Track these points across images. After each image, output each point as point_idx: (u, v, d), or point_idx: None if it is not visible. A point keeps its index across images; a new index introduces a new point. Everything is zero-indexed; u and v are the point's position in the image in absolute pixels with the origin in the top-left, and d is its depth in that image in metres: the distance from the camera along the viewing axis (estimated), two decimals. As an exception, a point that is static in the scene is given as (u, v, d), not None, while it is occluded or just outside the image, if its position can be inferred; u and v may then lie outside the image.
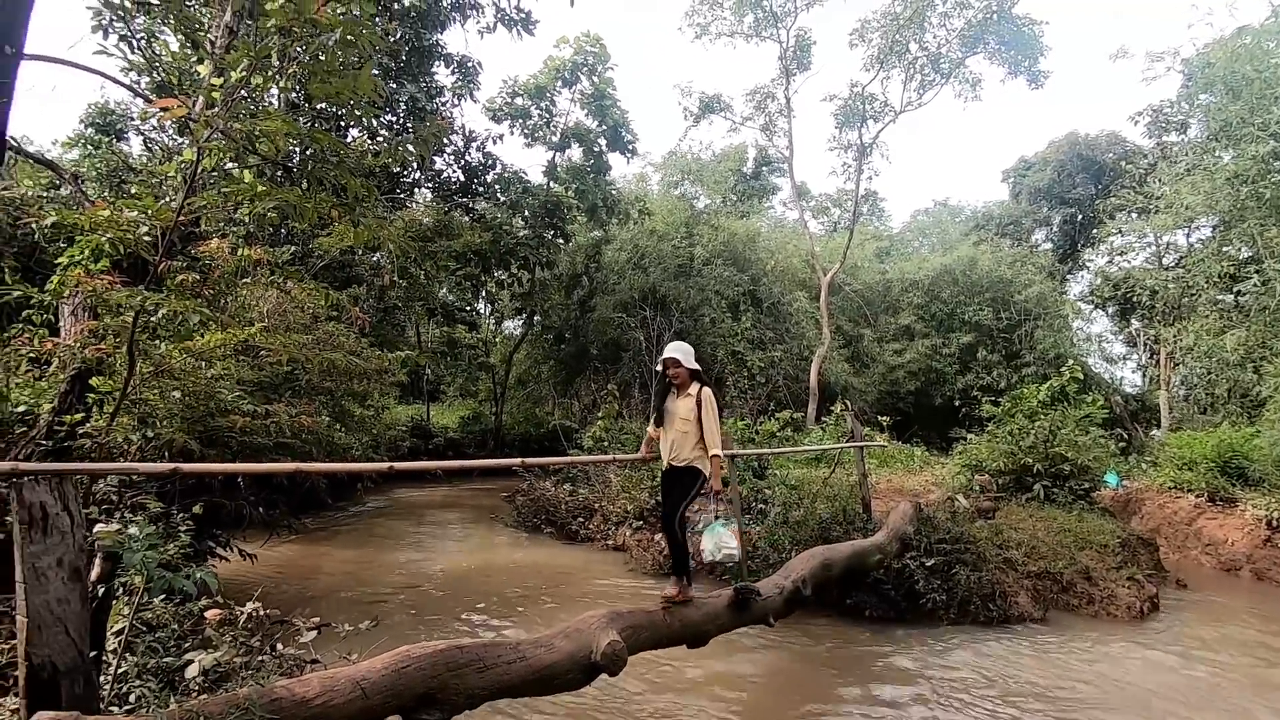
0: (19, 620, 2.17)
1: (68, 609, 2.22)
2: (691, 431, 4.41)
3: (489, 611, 7.07)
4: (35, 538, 2.16)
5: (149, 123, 14.99)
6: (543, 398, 23.93)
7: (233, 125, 3.78)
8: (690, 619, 4.52)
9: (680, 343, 4.71)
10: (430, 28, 12.99)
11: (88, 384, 5.64)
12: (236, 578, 6.42)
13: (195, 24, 3.67)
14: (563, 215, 17.95)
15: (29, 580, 2.15)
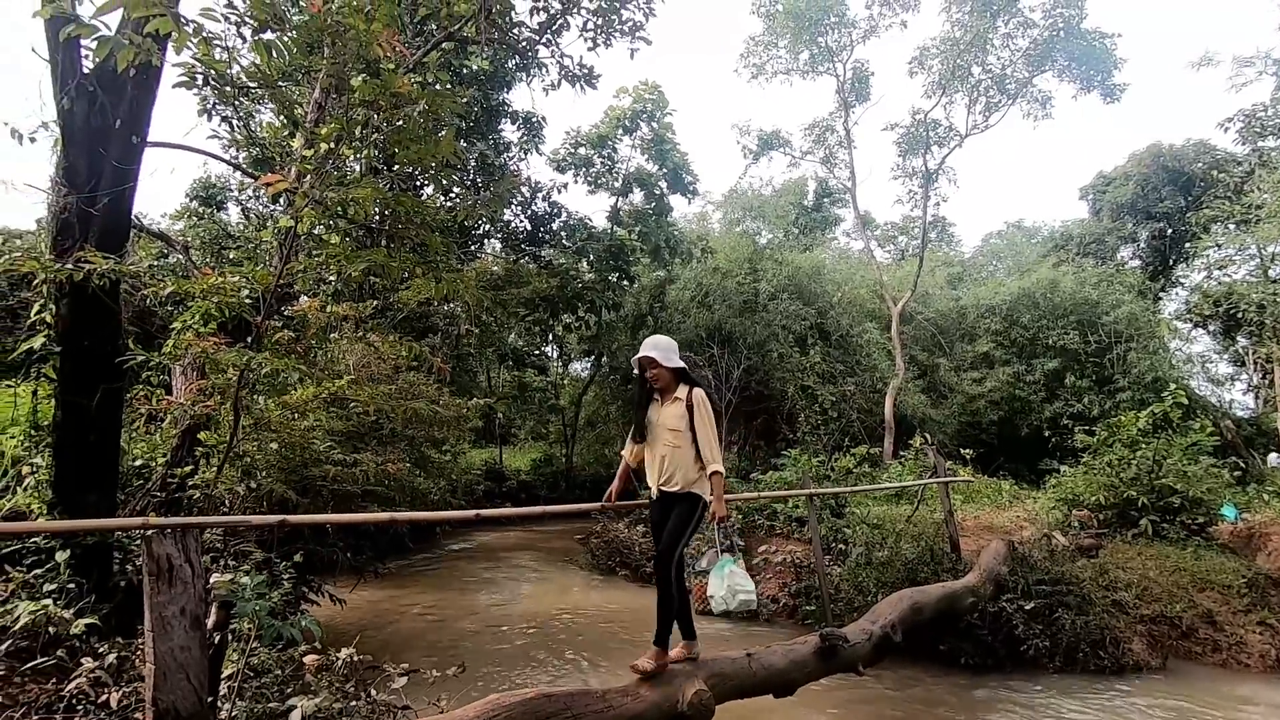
0: (147, 667, 2.32)
1: (189, 656, 2.36)
2: (684, 446, 3.58)
3: (567, 656, 7.04)
4: (161, 588, 2.32)
5: (246, 193, 16.28)
6: (612, 438, 24.07)
7: (327, 194, 4.07)
8: (776, 667, 4.37)
9: (658, 336, 3.84)
10: (497, 89, 13.71)
11: (196, 438, 6.06)
12: (326, 622, 6.65)
13: (293, 103, 4.00)
14: (627, 258, 18.30)
15: (156, 628, 2.30)
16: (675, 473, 3.61)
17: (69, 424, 4.59)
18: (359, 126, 4.36)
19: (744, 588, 3.62)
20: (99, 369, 4.65)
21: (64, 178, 4.52)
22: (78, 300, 4.52)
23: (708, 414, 3.63)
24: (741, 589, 3.60)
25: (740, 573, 3.65)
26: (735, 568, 3.64)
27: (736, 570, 3.63)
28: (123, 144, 4.62)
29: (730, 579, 3.61)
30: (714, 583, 3.64)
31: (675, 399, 3.65)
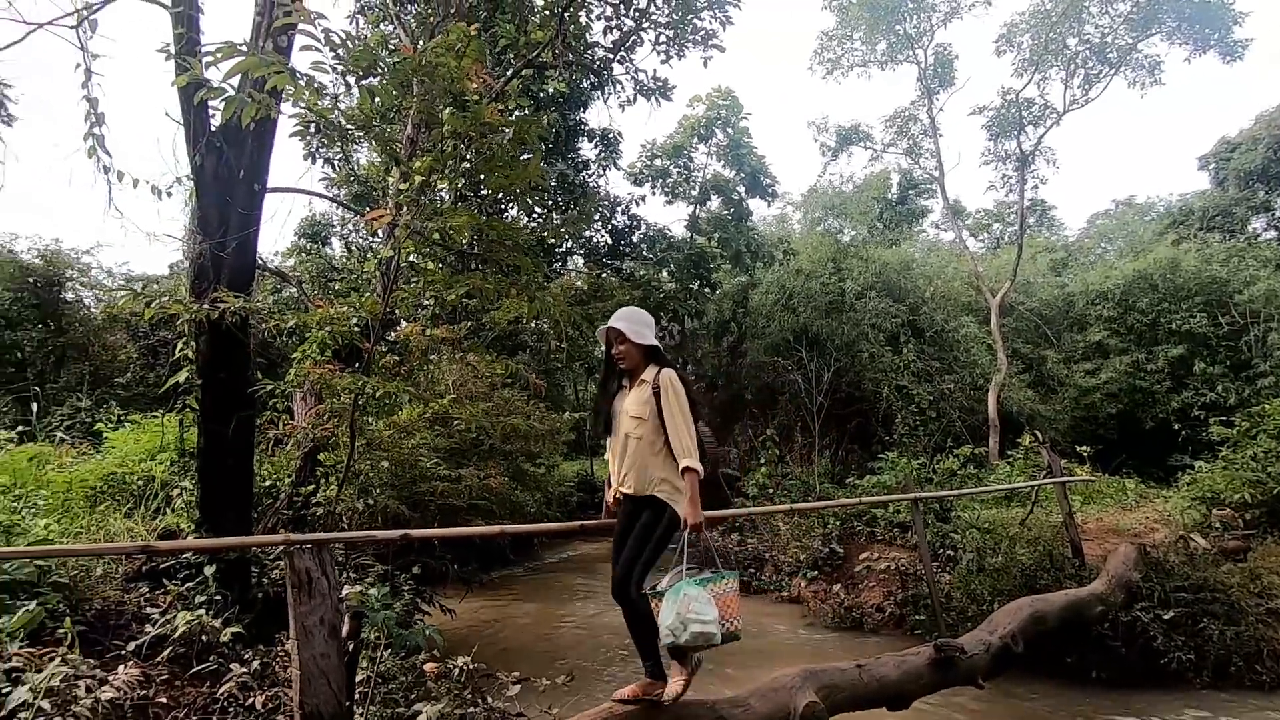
0: (292, 672, 2.52)
1: (329, 663, 2.54)
2: (647, 437, 3.00)
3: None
4: (302, 599, 2.51)
5: (348, 228, 17.41)
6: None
7: (425, 224, 4.31)
8: (889, 679, 4.23)
9: (630, 308, 3.28)
10: (574, 109, 14.08)
11: (317, 459, 6.52)
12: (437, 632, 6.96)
13: (393, 141, 4.27)
14: (707, 265, 18.28)
15: (299, 637, 2.50)
16: (638, 471, 3.03)
17: (210, 450, 5.04)
18: (449, 159, 4.58)
19: (699, 617, 2.79)
20: (234, 398, 5.09)
21: (198, 227, 5.00)
22: (214, 337, 4.97)
23: (679, 398, 2.97)
24: (696, 618, 2.78)
25: (700, 598, 2.83)
26: (695, 591, 2.83)
27: (694, 594, 2.82)
28: (246, 192, 5.06)
29: (684, 605, 2.79)
30: (665, 608, 2.87)
31: (642, 382, 3.08)
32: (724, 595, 2.93)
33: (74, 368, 19.09)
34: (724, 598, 2.92)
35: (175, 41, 4.91)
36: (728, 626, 2.90)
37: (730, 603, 2.94)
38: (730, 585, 3.00)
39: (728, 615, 2.91)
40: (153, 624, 4.37)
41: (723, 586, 2.95)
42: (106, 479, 7.39)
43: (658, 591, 2.96)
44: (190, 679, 4.23)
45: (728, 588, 2.97)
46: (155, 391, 20.08)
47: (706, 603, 2.82)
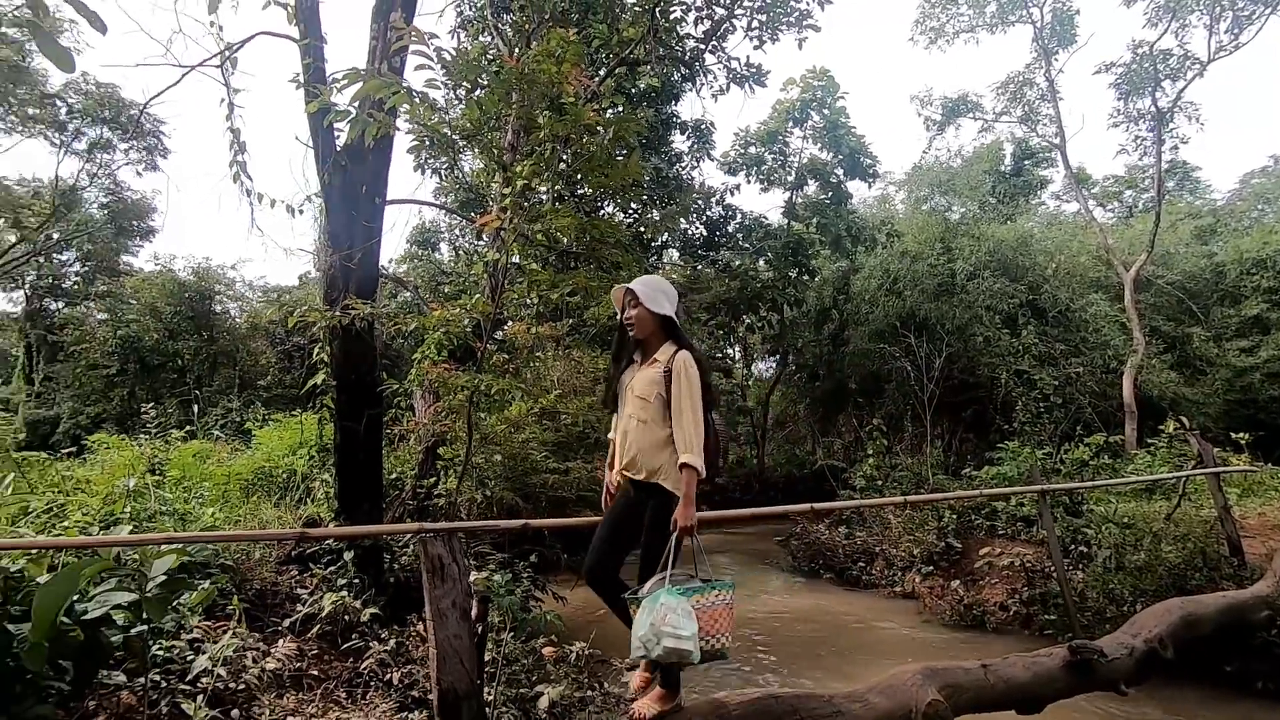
0: (429, 651, 2.71)
1: (461, 643, 2.72)
2: (651, 420, 2.81)
3: (773, 659, 7.00)
4: (436, 583, 2.70)
5: (455, 232, 18.31)
6: (802, 437, 23.50)
7: (532, 227, 4.48)
8: (1017, 680, 4.00)
9: (652, 276, 3.06)
10: (666, 102, 14.12)
11: (437, 454, 6.93)
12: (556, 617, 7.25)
13: (499, 149, 4.47)
14: (805, 252, 17.84)
15: (434, 619, 2.69)
16: (637, 455, 2.84)
17: (345, 446, 5.48)
18: (548, 162, 4.73)
19: (675, 630, 2.49)
20: (364, 398, 5.51)
21: (329, 240, 5.44)
22: (345, 341, 5.39)
23: (690, 385, 2.76)
24: (671, 632, 2.48)
25: (679, 609, 2.54)
26: (674, 601, 2.55)
27: (673, 605, 2.54)
28: (369, 206, 5.45)
29: (659, 616, 2.51)
30: (640, 617, 2.58)
31: (655, 361, 2.88)
32: (711, 608, 2.62)
33: (224, 372, 21.29)
34: (711, 610, 2.61)
35: (304, 71, 5.36)
36: (712, 643, 2.59)
37: (718, 616, 2.62)
38: (721, 598, 2.67)
39: (714, 630, 2.60)
40: (302, 603, 4.82)
41: (711, 598, 2.64)
42: (256, 472, 8.20)
43: (636, 597, 2.66)
44: (336, 654, 4.64)
45: (717, 600, 2.65)
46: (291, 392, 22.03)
47: (685, 615, 2.53)
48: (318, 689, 4.01)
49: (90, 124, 19.86)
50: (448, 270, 18.42)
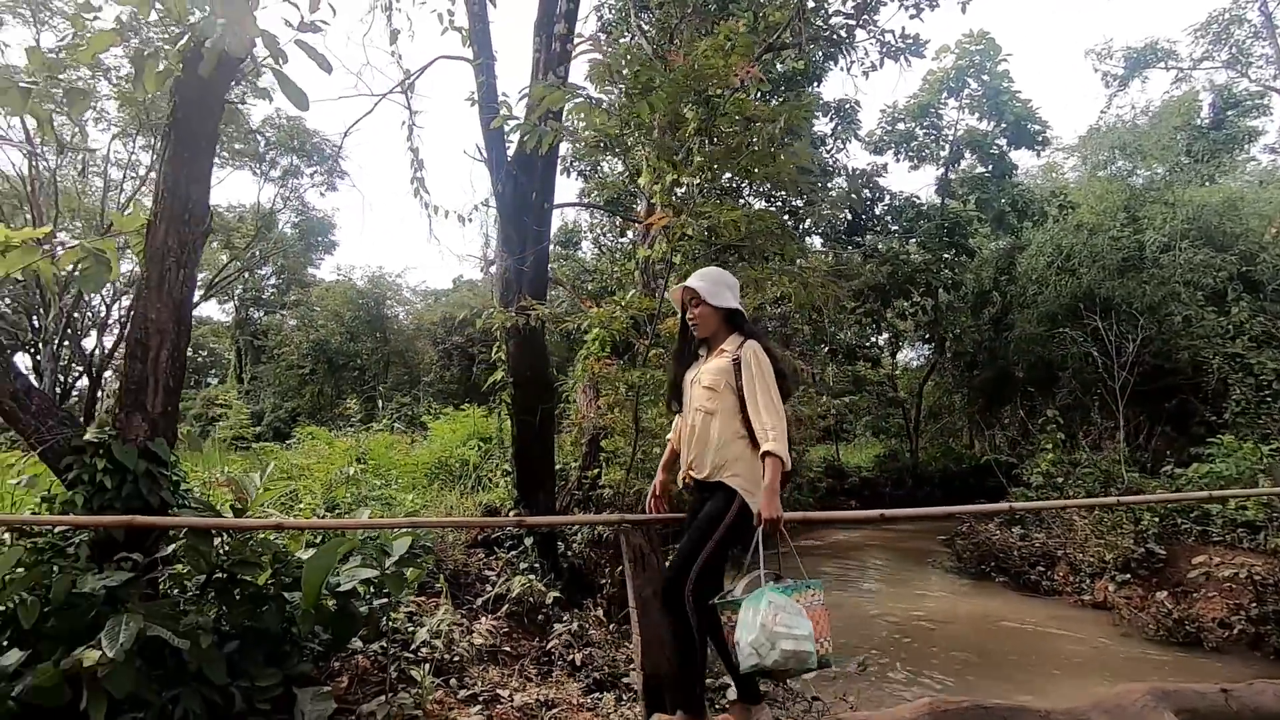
0: (634, 637, 2.82)
1: (661, 632, 2.80)
2: (720, 414, 2.58)
3: (935, 665, 6.60)
4: (638, 572, 2.80)
5: (596, 231, 18.88)
6: (958, 429, 21.96)
7: (699, 222, 4.51)
8: (1266, 709, 3.49)
9: (710, 268, 2.88)
10: (808, 84, 13.67)
11: (600, 446, 7.19)
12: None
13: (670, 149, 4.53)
14: (962, 231, 16.59)
15: (637, 606, 2.79)
16: (702, 452, 2.61)
17: (522, 438, 5.83)
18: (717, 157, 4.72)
19: (791, 631, 2.22)
20: (538, 393, 5.83)
21: (503, 246, 5.79)
22: (519, 340, 5.72)
23: (763, 372, 2.53)
24: (786, 633, 2.21)
25: (789, 608, 2.27)
26: (781, 600, 2.28)
27: (781, 603, 2.27)
28: (538, 211, 5.74)
29: (769, 616, 2.24)
30: (744, 620, 2.31)
31: (721, 352, 2.67)
32: (814, 608, 2.35)
33: (395, 370, 23.46)
34: (814, 610, 2.34)
35: (477, 89, 5.73)
36: (825, 646, 2.33)
37: (819, 618, 2.34)
38: (817, 597, 2.41)
39: (821, 633, 2.33)
40: (491, 584, 5.19)
41: (809, 597, 2.37)
42: (434, 462, 8.93)
43: (732, 601, 2.41)
44: (524, 633, 4.96)
45: (814, 600, 2.38)
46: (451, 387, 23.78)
47: (797, 614, 2.25)
48: (513, 665, 4.30)
49: (283, 153, 22.52)
50: (591, 269, 19.03)
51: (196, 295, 8.80)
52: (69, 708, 2.31)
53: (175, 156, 3.14)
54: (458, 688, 3.56)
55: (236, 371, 27.05)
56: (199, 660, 2.53)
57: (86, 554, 2.66)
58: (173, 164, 3.14)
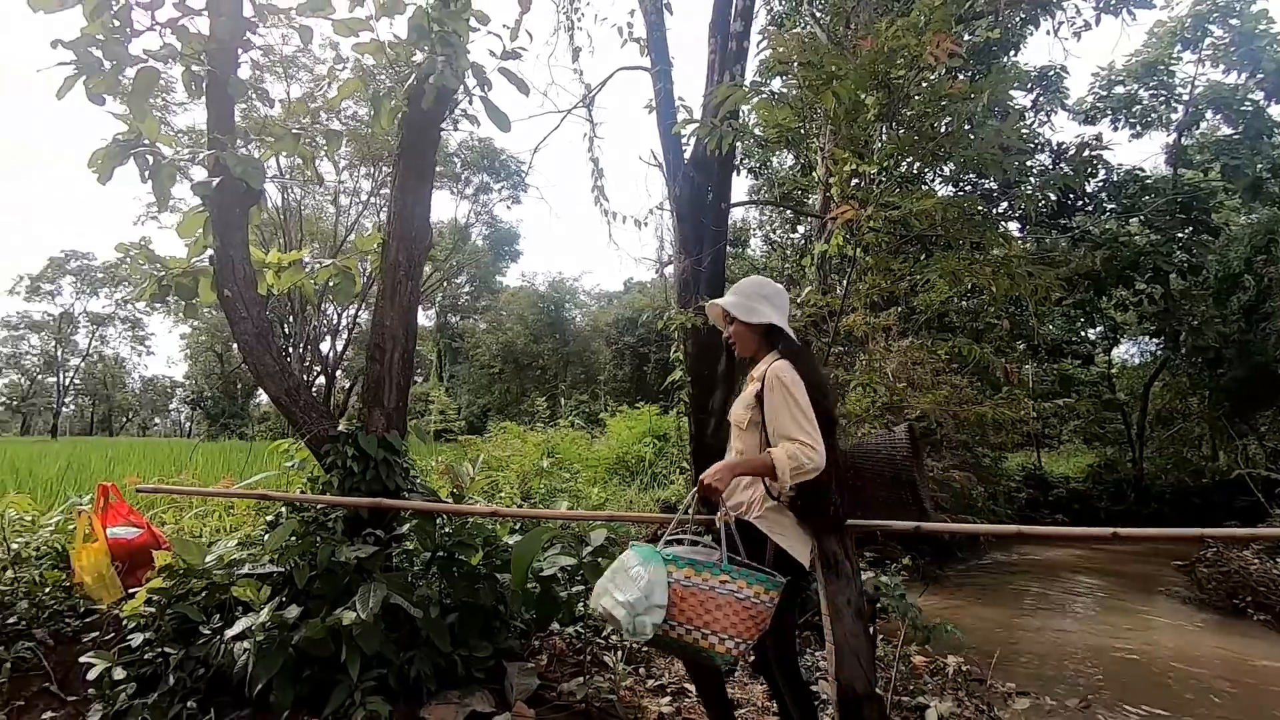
0: (827, 647, 2.73)
1: (858, 642, 2.68)
2: (749, 450, 2.28)
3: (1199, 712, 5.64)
4: (831, 579, 2.71)
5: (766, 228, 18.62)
6: (1195, 438, 18.77)
7: (887, 213, 4.27)
8: None
9: (750, 279, 2.49)
10: (1004, 53, 12.41)
11: (775, 445, 7.08)
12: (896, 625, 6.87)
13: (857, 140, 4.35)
14: (1203, 205, 14.13)
15: (831, 615, 2.69)
16: (735, 491, 2.34)
17: (700, 437, 5.89)
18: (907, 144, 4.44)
19: (612, 592, 2.02)
20: (713, 392, 5.86)
21: (680, 247, 5.89)
22: (696, 341, 5.79)
23: (787, 392, 2.14)
24: (608, 592, 2.04)
25: (644, 572, 2.02)
26: (636, 558, 2.08)
27: (633, 562, 2.07)
28: (715, 212, 5.77)
29: (614, 567, 2.13)
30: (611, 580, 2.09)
31: (752, 379, 2.36)
32: (710, 593, 2.02)
33: (573, 369, 24.87)
34: (707, 596, 2.02)
35: (655, 96, 5.89)
36: (702, 636, 2.02)
37: (724, 608, 2.01)
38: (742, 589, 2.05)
39: (707, 623, 2.01)
40: (671, 579, 5.31)
41: (715, 582, 2.04)
42: (613, 458, 9.32)
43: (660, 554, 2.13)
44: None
45: (729, 589, 2.04)
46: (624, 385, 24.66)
47: (638, 580, 2.00)
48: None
49: (475, 172, 24.79)
50: (761, 266, 18.80)
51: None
52: (331, 658, 2.71)
53: (403, 183, 3.56)
54: (646, 677, 3.68)
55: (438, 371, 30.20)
56: (428, 628, 2.84)
57: (341, 528, 3.10)
58: (400, 189, 3.57)
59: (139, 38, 2.87)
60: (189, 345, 45.31)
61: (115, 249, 3.48)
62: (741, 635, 2.03)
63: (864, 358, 7.60)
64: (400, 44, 3.49)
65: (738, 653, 2.04)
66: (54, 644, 3.07)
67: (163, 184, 2.99)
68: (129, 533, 3.27)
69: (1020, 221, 15.66)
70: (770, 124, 4.37)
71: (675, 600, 2.01)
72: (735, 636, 2.02)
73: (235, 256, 3.17)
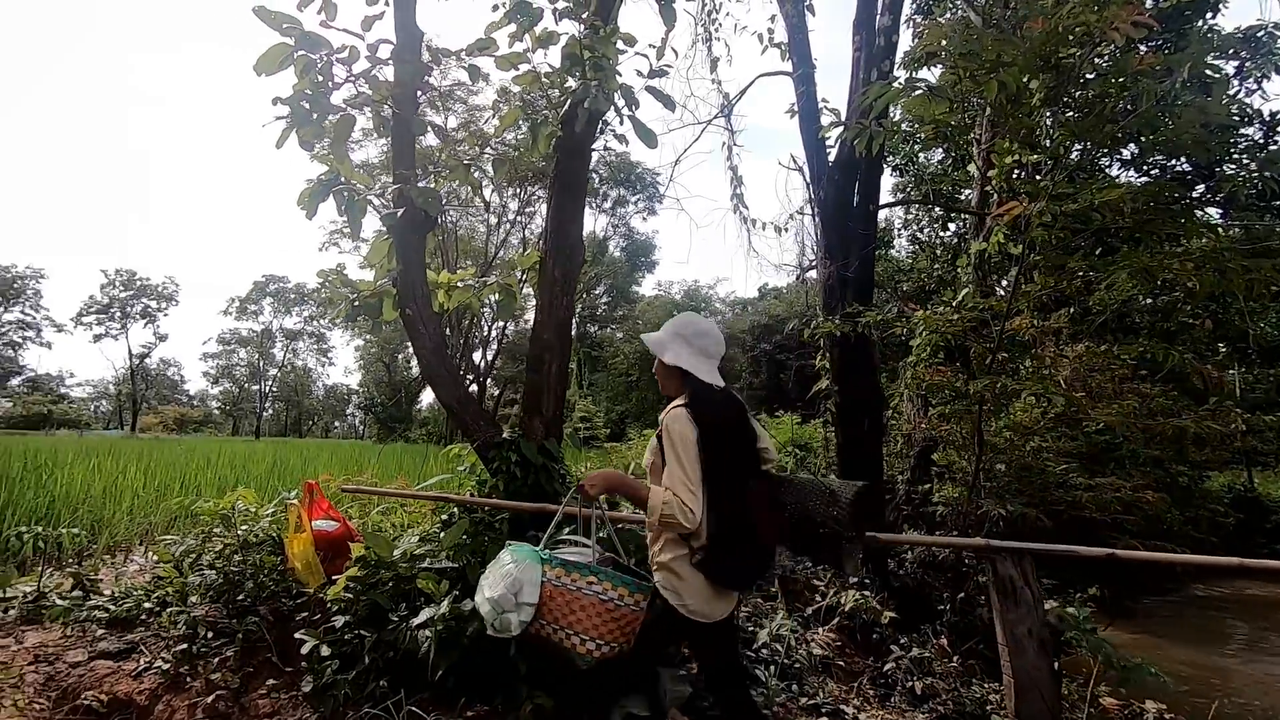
0: (1004, 679, 2.53)
1: (1040, 676, 2.46)
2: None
3: None
4: (1009, 606, 2.51)
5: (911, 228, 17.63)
6: None
7: (1063, 208, 3.89)
8: None
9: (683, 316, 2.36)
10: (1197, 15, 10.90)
11: (929, 459, 6.66)
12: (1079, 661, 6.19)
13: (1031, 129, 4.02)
14: None
15: (1009, 644, 2.49)
16: (654, 539, 2.19)
17: (847, 446, 5.68)
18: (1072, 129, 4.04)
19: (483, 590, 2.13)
20: (864, 402, 5.63)
21: (825, 252, 5.73)
22: (843, 348, 5.59)
23: (671, 446, 2.03)
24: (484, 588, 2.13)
25: (515, 574, 2.07)
26: (510, 557, 2.14)
27: (504, 560, 2.14)
28: (862, 215, 5.56)
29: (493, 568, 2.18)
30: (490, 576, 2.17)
31: (661, 421, 2.20)
32: (576, 594, 2.06)
33: (709, 377, 24.79)
34: (573, 596, 2.06)
35: (797, 100, 5.78)
36: (566, 636, 2.07)
37: (587, 609, 2.06)
38: (610, 592, 2.06)
39: (572, 622, 2.06)
40: (820, 595, 5.14)
41: (583, 584, 2.07)
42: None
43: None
44: (855, 650, 4.80)
45: (595, 590, 2.07)
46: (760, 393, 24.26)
47: (506, 579, 2.07)
48: (849, 682, 4.19)
49: (612, 186, 25.59)
50: (906, 267, 17.82)
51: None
52: (501, 652, 2.89)
53: (558, 203, 3.75)
54: (799, 694, 3.59)
55: (578, 379, 31.40)
56: (587, 629, 2.96)
57: (507, 529, 3.31)
58: (556, 209, 3.76)
59: (338, 89, 3.25)
60: (362, 356, 50.51)
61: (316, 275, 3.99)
62: (603, 637, 2.07)
63: (1030, 364, 6.97)
64: (555, 73, 3.70)
65: (598, 654, 2.08)
66: (274, 620, 3.53)
67: (356, 217, 3.37)
68: (329, 525, 3.69)
69: (1221, 206, 13.65)
70: (925, 120, 4.13)
71: (545, 599, 2.08)
72: (597, 638, 2.07)
73: (415, 279, 3.49)
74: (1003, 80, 3.34)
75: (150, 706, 3.08)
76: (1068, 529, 6.02)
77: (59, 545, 5.53)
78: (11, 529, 5.37)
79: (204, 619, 3.52)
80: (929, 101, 3.49)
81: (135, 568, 5.23)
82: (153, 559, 5.23)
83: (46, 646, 3.54)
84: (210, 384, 62.95)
